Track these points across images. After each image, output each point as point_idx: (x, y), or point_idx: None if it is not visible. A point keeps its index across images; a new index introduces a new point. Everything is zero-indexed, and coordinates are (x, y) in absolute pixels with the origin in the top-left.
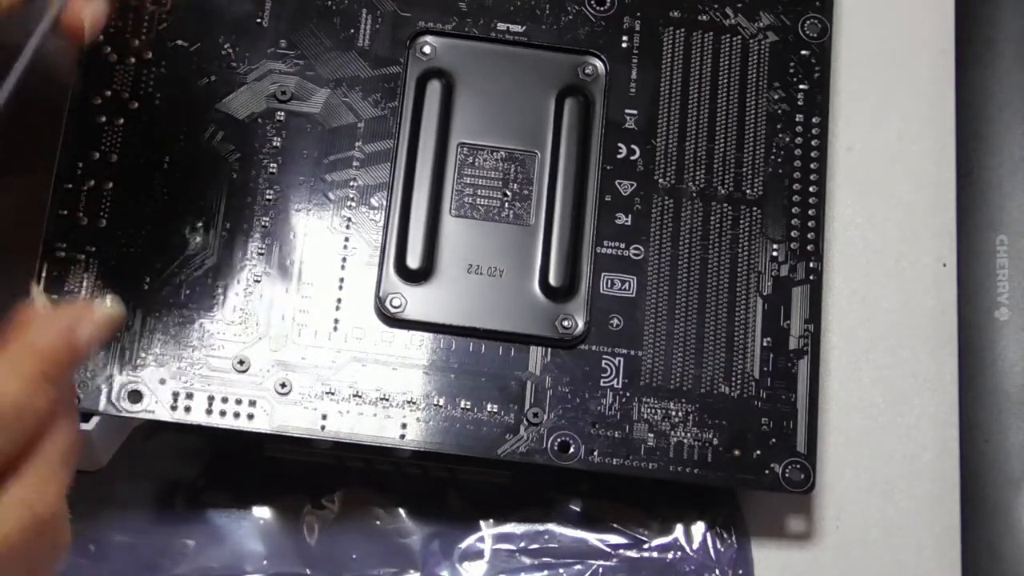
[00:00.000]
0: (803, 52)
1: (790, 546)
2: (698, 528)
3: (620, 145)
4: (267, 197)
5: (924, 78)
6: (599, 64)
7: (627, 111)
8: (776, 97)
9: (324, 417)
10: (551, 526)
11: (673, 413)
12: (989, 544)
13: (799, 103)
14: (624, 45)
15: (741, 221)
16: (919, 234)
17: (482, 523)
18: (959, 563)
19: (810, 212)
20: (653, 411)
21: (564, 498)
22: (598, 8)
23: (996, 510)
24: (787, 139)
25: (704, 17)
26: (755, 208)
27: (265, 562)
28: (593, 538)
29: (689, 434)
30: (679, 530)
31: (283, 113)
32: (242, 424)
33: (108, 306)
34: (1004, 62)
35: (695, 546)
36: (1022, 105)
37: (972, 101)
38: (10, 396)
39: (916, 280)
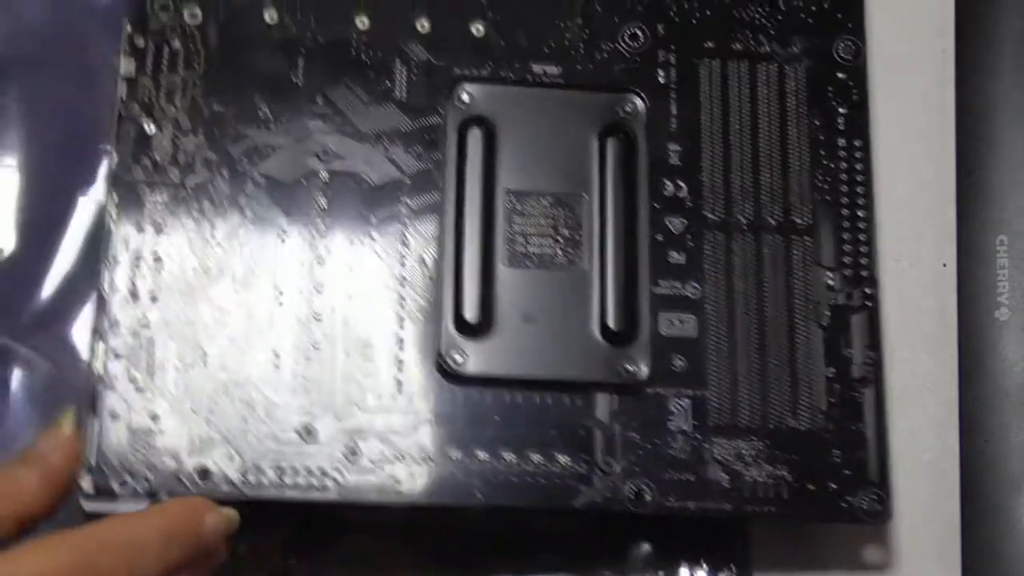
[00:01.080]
0: (839, 75)
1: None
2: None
3: (666, 181)
4: (318, 258)
5: (924, 78)
6: (638, 101)
7: (670, 146)
8: (817, 123)
9: (396, 481)
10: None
11: (744, 451)
12: (989, 544)
13: (839, 127)
14: (661, 80)
15: (793, 251)
16: (919, 234)
17: (557, 574)
18: (959, 563)
19: (860, 237)
20: (724, 450)
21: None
22: (632, 44)
23: (996, 510)
24: (831, 164)
25: (738, 46)
26: (806, 237)
27: None
28: None
29: (762, 471)
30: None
31: (326, 172)
32: (313, 495)
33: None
34: (1004, 62)
35: None
36: (1022, 105)
37: (972, 101)
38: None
39: (916, 280)
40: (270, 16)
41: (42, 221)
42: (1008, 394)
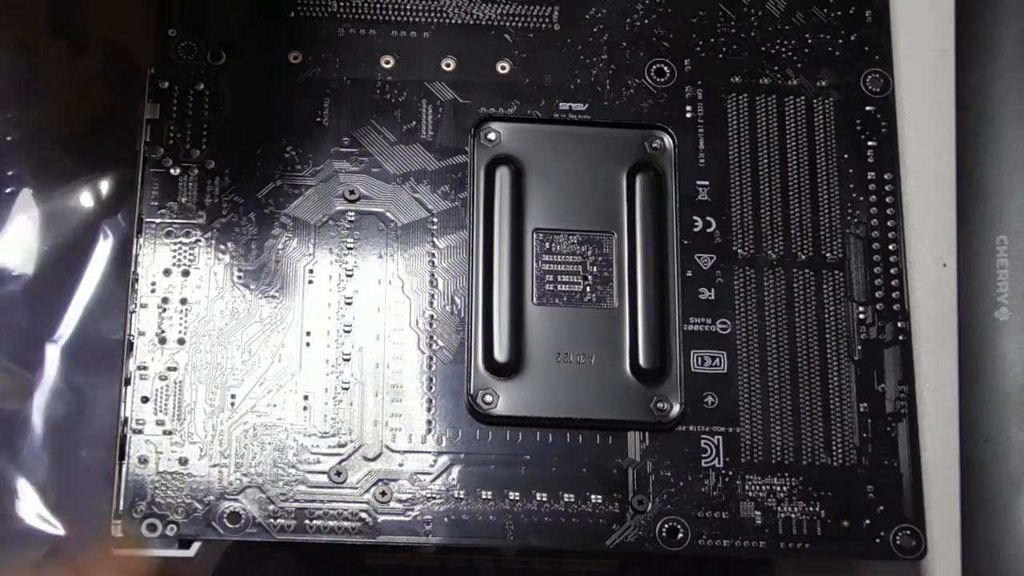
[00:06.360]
0: (867, 108)
1: None
2: None
3: (696, 218)
4: (346, 300)
5: (924, 78)
6: (666, 137)
7: (699, 182)
8: (846, 156)
9: (427, 523)
10: None
11: (777, 488)
12: (989, 544)
13: (869, 160)
14: (688, 115)
15: (824, 285)
16: (919, 234)
17: None
18: (959, 563)
19: (892, 271)
20: (757, 488)
21: None
22: (658, 80)
23: (996, 510)
24: (861, 198)
25: (766, 80)
26: (837, 271)
27: None
28: None
29: (796, 508)
30: None
31: (353, 213)
32: (344, 537)
33: None
34: (1004, 62)
35: None
36: (1022, 105)
37: (972, 101)
38: None
39: (916, 280)
40: (294, 56)
41: (63, 246)
42: (1008, 394)
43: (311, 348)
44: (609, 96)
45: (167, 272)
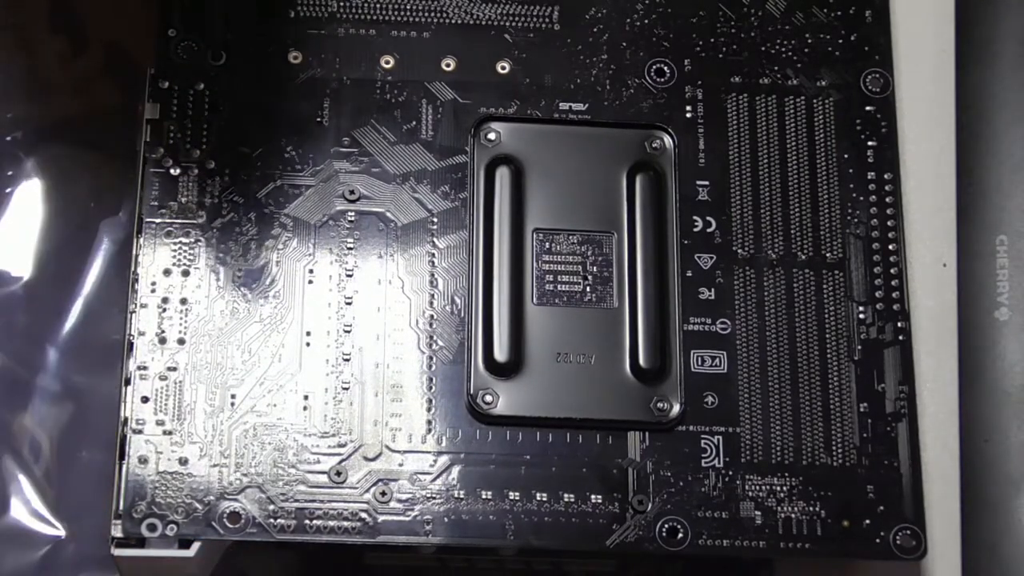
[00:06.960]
0: (867, 108)
1: None
2: None
3: (696, 218)
4: (346, 300)
5: (924, 78)
6: (666, 137)
7: (699, 183)
8: (846, 156)
9: (427, 523)
10: None
11: (777, 488)
12: (989, 544)
13: (869, 160)
14: (688, 115)
15: (824, 285)
16: (919, 234)
17: None
18: (959, 563)
19: (892, 271)
20: (757, 488)
21: None
22: (658, 80)
23: (996, 510)
24: (861, 197)
25: (766, 80)
26: (837, 271)
27: None
28: None
29: (796, 508)
30: None
31: (353, 213)
32: (344, 538)
33: None
34: (1004, 62)
35: None
36: (1022, 105)
37: (972, 101)
38: None
39: (916, 280)
40: (294, 57)
41: (63, 247)
42: (1008, 394)
43: (311, 348)
44: (609, 96)
45: (167, 272)
